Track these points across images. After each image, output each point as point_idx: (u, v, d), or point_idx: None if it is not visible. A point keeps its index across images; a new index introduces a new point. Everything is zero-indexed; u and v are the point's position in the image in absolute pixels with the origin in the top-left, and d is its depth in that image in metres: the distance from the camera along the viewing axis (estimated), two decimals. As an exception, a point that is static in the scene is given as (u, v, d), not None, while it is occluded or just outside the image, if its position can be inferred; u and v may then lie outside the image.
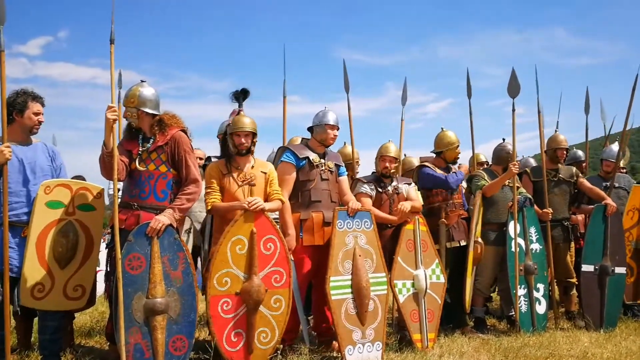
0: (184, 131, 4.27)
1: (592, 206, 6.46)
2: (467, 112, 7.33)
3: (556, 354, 5.05)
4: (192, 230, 5.22)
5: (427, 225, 5.50)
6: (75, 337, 5.32)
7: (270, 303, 4.36)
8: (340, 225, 4.73)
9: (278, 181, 4.83)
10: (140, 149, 4.15)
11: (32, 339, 4.91)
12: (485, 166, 7.58)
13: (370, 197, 5.32)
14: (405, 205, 5.18)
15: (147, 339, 3.87)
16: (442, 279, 5.36)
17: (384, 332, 4.81)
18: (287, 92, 5.71)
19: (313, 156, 4.97)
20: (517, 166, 5.86)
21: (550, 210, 6.28)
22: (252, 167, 4.66)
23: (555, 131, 6.91)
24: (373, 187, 5.39)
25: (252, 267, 4.27)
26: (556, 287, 6.90)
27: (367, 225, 4.89)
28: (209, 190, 4.53)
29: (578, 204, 6.97)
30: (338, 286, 4.62)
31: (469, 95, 7.27)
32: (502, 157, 6.28)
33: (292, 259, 4.75)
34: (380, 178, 5.47)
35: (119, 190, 4.29)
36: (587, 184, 6.67)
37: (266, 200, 4.64)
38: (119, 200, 4.20)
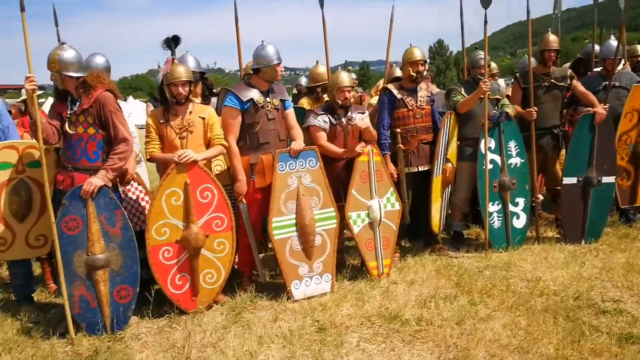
0: (111, 90, 4.33)
1: (589, 109, 6.12)
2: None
3: (511, 276, 5.13)
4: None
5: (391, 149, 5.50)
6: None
7: (214, 246, 4.61)
8: (281, 167, 4.79)
9: (223, 126, 4.89)
10: (69, 112, 4.28)
11: None
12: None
13: (324, 130, 5.26)
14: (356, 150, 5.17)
15: (92, 291, 4.25)
16: (397, 206, 5.39)
17: (334, 264, 5.00)
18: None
19: (257, 97, 4.92)
20: (487, 84, 5.57)
21: (534, 109, 5.98)
22: (190, 112, 4.71)
23: (549, 31, 6.40)
24: (327, 119, 5.28)
25: (190, 216, 4.49)
26: (540, 197, 6.80)
27: (312, 163, 4.93)
28: (147, 140, 4.68)
29: (575, 106, 6.62)
30: (281, 226, 4.79)
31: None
32: (474, 68, 5.97)
33: (245, 202, 4.93)
34: (334, 108, 5.34)
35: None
36: (581, 88, 6.27)
37: (208, 145, 4.75)
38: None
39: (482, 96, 5.64)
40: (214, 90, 5.63)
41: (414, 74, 5.51)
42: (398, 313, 4.35)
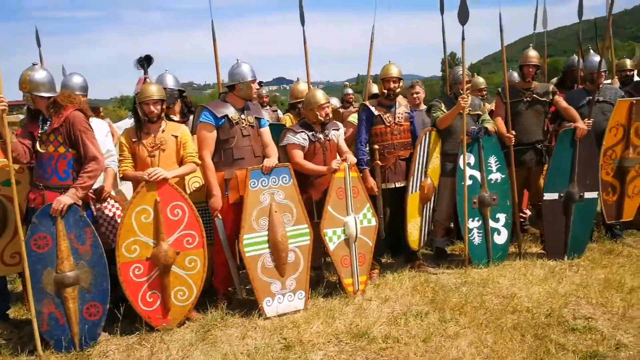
0: (81, 109, 4.39)
1: (571, 124, 6.11)
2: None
3: (487, 292, 5.10)
4: None
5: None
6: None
7: (185, 264, 4.64)
8: (253, 184, 4.82)
9: (199, 141, 4.94)
10: (40, 132, 4.35)
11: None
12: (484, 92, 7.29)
13: (303, 147, 5.27)
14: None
15: (61, 308, 4.28)
16: (374, 222, 5.40)
17: (307, 281, 5.01)
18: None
19: (232, 113, 4.97)
20: (465, 99, 5.58)
21: (512, 134, 6.00)
22: (163, 131, 4.77)
23: (529, 46, 6.40)
24: (306, 136, 5.30)
25: (160, 234, 4.52)
26: (527, 212, 6.78)
27: (285, 180, 4.95)
28: (120, 158, 4.75)
29: (560, 121, 6.60)
30: (253, 243, 4.80)
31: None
32: (455, 84, 5.99)
33: (220, 217, 4.96)
34: (310, 125, 5.37)
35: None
36: (563, 103, 6.25)
37: (181, 163, 4.80)
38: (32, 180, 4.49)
39: (461, 111, 5.65)
40: (192, 109, 5.69)
41: (386, 91, 5.53)
42: (366, 330, 4.34)
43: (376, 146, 5.54)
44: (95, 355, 4.22)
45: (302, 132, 5.31)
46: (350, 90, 9.09)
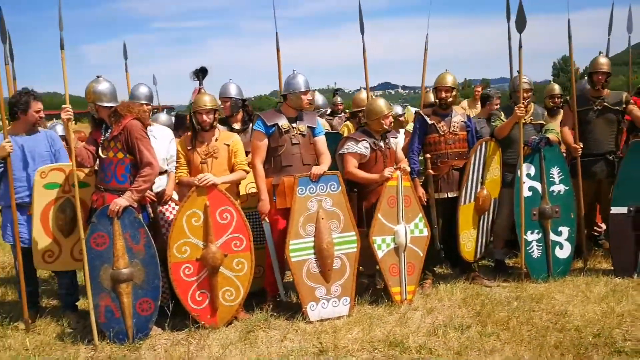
0: (139, 118, 4.71)
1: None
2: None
3: (539, 308, 4.95)
4: None
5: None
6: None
7: (233, 265, 4.84)
8: (301, 191, 4.94)
9: (252, 149, 5.15)
10: (102, 138, 4.71)
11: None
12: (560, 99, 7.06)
13: (364, 156, 5.30)
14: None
15: (116, 302, 4.61)
16: (425, 232, 5.37)
17: (353, 287, 5.06)
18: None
19: (282, 122, 5.13)
20: (522, 109, 5.43)
21: (580, 145, 5.77)
22: (216, 140, 5.01)
23: (600, 53, 6.11)
24: (368, 144, 5.32)
25: (208, 236, 4.75)
26: (603, 225, 6.47)
27: (334, 188, 5.04)
28: (177, 165, 5.05)
29: (637, 132, 6.26)
30: (298, 248, 4.93)
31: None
32: (515, 92, 5.83)
33: (268, 221, 5.14)
34: (371, 134, 5.37)
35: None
36: (637, 112, 5.93)
37: (232, 170, 5.02)
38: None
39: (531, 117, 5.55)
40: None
41: (437, 100, 5.49)
42: (403, 340, 4.34)
43: (428, 155, 5.51)
44: (145, 348, 4.50)
45: (364, 140, 5.35)
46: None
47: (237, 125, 5.77)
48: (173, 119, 6.50)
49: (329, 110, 8.78)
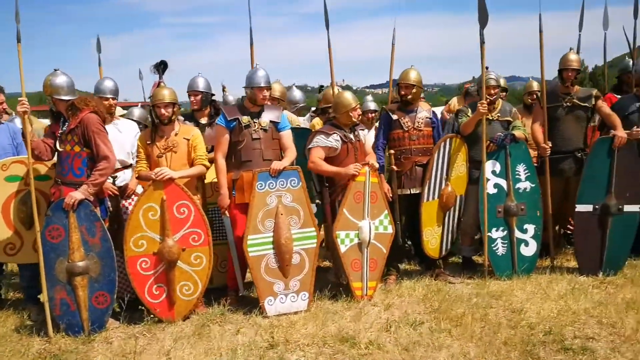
0: (96, 112, 4.71)
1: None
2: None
3: (497, 305, 4.95)
4: None
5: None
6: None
7: (191, 260, 4.86)
8: (260, 186, 4.93)
9: (215, 143, 5.15)
10: (60, 132, 4.72)
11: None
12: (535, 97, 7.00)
13: (335, 150, 5.28)
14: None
15: (72, 295, 4.62)
16: (390, 230, 5.36)
17: (312, 282, 5.06)
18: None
19: (242, 117, 5.12)
20: (484, 105, 5.42)
21: (548, 144, 5.76)
22: (176, 134, 5.01)
23: (570, 49, 6.08)
24: (339, 137, 5.29)
25: (165, 230, 4.76)
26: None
27: (294, 183, 5.03)
28: (137, 159, 5.05)
29: (607, 129, 6.22)
30: (257, 244, 4.92)
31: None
32: (479, 89, 5.81)
33: (228, 215, 5.15)
34: (340, 127, 5.35)
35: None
36: (605, 109, 5.90)
37: (192, 165, 5.02)
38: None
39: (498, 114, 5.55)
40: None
41: (398, 96, 5.49)
42: (354, 335, 4.34)
43: (392, 151, 5.50)
44: (99, 341, 4.51)
45: (335, 133, 5.31)
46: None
47: (204, 120, 5.77)
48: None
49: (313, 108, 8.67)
